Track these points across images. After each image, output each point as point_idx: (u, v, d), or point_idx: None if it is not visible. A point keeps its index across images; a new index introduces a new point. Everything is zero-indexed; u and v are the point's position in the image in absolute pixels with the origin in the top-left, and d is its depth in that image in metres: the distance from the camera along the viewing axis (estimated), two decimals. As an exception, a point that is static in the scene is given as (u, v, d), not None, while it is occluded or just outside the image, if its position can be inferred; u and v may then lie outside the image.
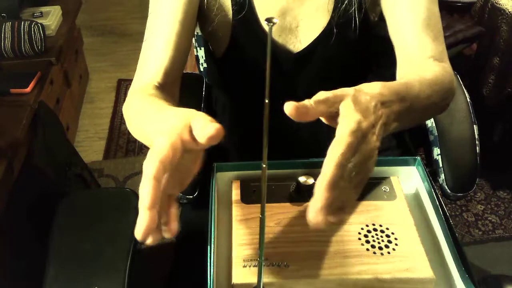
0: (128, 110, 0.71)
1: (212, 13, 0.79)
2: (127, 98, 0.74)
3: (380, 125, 0.50)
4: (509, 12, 1.61)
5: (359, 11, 0.77)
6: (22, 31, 1.78)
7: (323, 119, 0.50)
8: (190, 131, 0.47)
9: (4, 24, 1.79)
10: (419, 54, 0.72)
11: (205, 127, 0.45)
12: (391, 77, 0.78)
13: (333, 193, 0.45)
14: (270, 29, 0.38)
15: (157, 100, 0.65)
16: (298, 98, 0.46)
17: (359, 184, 0.49)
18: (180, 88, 0.81)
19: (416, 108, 0.59)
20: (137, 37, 2.89)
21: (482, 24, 1.74)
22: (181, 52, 0.77)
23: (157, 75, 0.74)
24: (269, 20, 0.38)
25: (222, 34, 0.82)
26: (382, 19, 0.80)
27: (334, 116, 0.49)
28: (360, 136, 0.47)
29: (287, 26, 0.80)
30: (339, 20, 0.78)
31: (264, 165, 0.41)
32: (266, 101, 0.40)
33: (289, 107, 0.46)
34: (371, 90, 0.51)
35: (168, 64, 0.75)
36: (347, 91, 0.49)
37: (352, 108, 0.48)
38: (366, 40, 0.82)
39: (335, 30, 0.78)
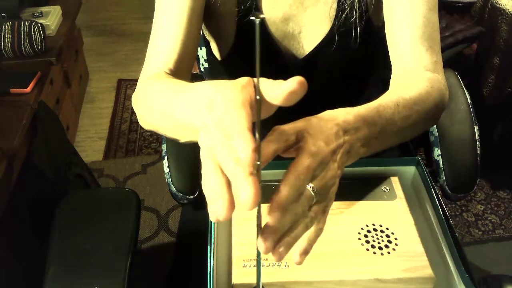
0: (143, 94, 0.67)
1: (217, 15, 0.79)
2: (137, 88, 0.71)
3: (342, 153, 0.48)
4: (509, 12, 1.61)
5: (360, 20, 0.77)
6: (22, 31, 1.78)
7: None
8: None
9: (4, 24, 1.79)
10: (412, 64, 0.71)
11: (279, 84, 0.40)
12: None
13: (284, 216, 0.42)
14: (258, 24, 0.38)
15: (180, 81, 0.62)
16: (301, 102, 0.45)
17: (321, 216, 0.46)
18: None
19: (391, 130, 0.58)
20: (137, 37, 2.91)
21: (482, 24, 1.74)
22: (192, 38, 0.74)
23: (169, 61, 0.71)
24: (255, 15, 0.38)
25: (226, 37, 0.82)
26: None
27: (291, 146, 0.46)
28: (319, 161, 0.45)
29: (290, 32, 0.80)
30: (340, 28, 0.78)
31: (258, 162, 0.41)
32: (258, 97, 0.40)
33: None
34: (334, 117, 0.50)
35: (180, 50, 0.72)
36: (307, 119, 0.48)
37: (313, 134, 0.46)
38: (368, 47, 0.82)
39: (336, 38, 0.78)
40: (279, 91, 0.41)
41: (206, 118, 0.43)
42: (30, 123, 1.49)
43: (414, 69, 0.71)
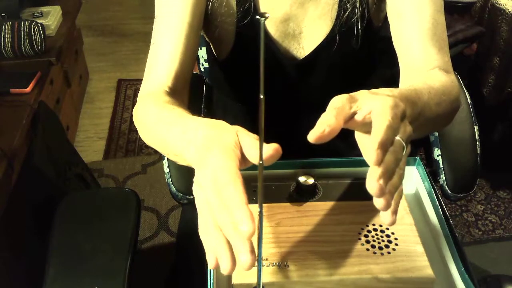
0: (143, 117, 0.69)
1: (216, 18, 0.79)
2: (137, 105, 0.72)
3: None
4: (509, 12, 1.61)
5: (361, 20, 0.77)
6: (22, 31, 1.78)
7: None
8: (241, 149, 0.47)
9: (4, 24, 1.79)
10: (424, 65, 0.71)
11: (257, 147, 0.44)
12: (392, 77, 0.77)
13: (389, 158, 0.44)
14: (263, 23, 0.38)
15: (176, 108, 0.64)
16: (301, 103, 0.45)
17: (403, 171, 0.48)
18: None
19: (428, 116, 0.59)
20: (137, 37, 2.91)
21: (482, 24, 1.74)
22: (190, 54, 0.76)
23: (168, 80, 0.73)
24: (261, 15, 0.38)
25: (226, 39, 0.82)
26: (384, 21, 0.80)
27: (350, 118, 0.48)
28: (401, 111, 0.48)
29: (290, 32, 0.80)
30: (341, 28, 0.78)
31: (260, 162, 0.41)
32: (261, 96, 0.40)
33: (313, 138, 0.45)
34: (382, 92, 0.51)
35: (178, 67, 0.73)
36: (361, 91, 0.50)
37: (382, 92, 0.48)
38: (369, 47, 0.81)
39: (337, 38, 0.78)
40: (257, 154, 0.44)
41: (198, 174, 0.47)
42: (30, 123, 1.49)
43: (426, 69, 0.71)
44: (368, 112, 0.48)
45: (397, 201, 0.47)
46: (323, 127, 0.45)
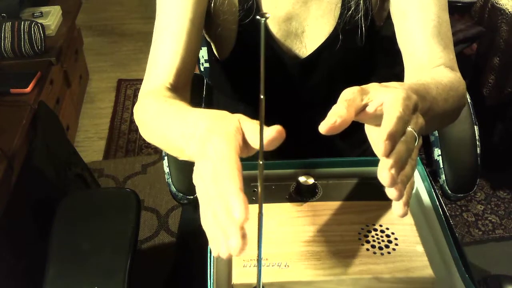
0: (143, 113, 0.69)
1: (219, 17, 0.79)
2: (138, 102, 0.72)
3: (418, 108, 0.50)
4: (509, 12, 1.61)
5: (365, 18, 0.76)
6: (22, 31, 1.78)
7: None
8: (243, 136, 0.46)
9: (4, 24, 1.79)
10: (430, 63, 0.71)
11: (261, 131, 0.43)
12: (393, 77, 0.77)
13: (401, 148, 0.44)
14: (264, 23, 0.38)
15: (177, 102, 0.64)
16: (302, 103, 0.45)
17: (415, 162, 0.48)
18: None
19: (436, 111, 0.58)
20: (137, 37, 2.91)
21: (482, 24, 1.74)
22: (192, 52, 0.75)
23: (169, 76, 0.72)
24: (261, 15, 0.38)
25: (227, 38, 0.82)
26: (386, 21, 0.80)
27: (361, 110, 0.48)
28: (413, 103, 0.47)
29: (292, 31, 0.79)
30: (345, 26, 0.77)
31: (260, 162, 0.41)
32: (262, 96, 0.40)
33: (324, 129, 0.45)
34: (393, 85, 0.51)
35: (179, 65, 0.73)
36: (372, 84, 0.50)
37: (393, 85, 0.48)
38: (371, 46, 0.81)
39: (340, 37, 0.78)
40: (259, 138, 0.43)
41: (198, 164, 0.47)
42: (30, 123, 1.49)
43: (432, 67, 0.71)
44: (379, 104, 0.47)
45: (409, 192, 0.47)
46: (335, 118, 0.45)
